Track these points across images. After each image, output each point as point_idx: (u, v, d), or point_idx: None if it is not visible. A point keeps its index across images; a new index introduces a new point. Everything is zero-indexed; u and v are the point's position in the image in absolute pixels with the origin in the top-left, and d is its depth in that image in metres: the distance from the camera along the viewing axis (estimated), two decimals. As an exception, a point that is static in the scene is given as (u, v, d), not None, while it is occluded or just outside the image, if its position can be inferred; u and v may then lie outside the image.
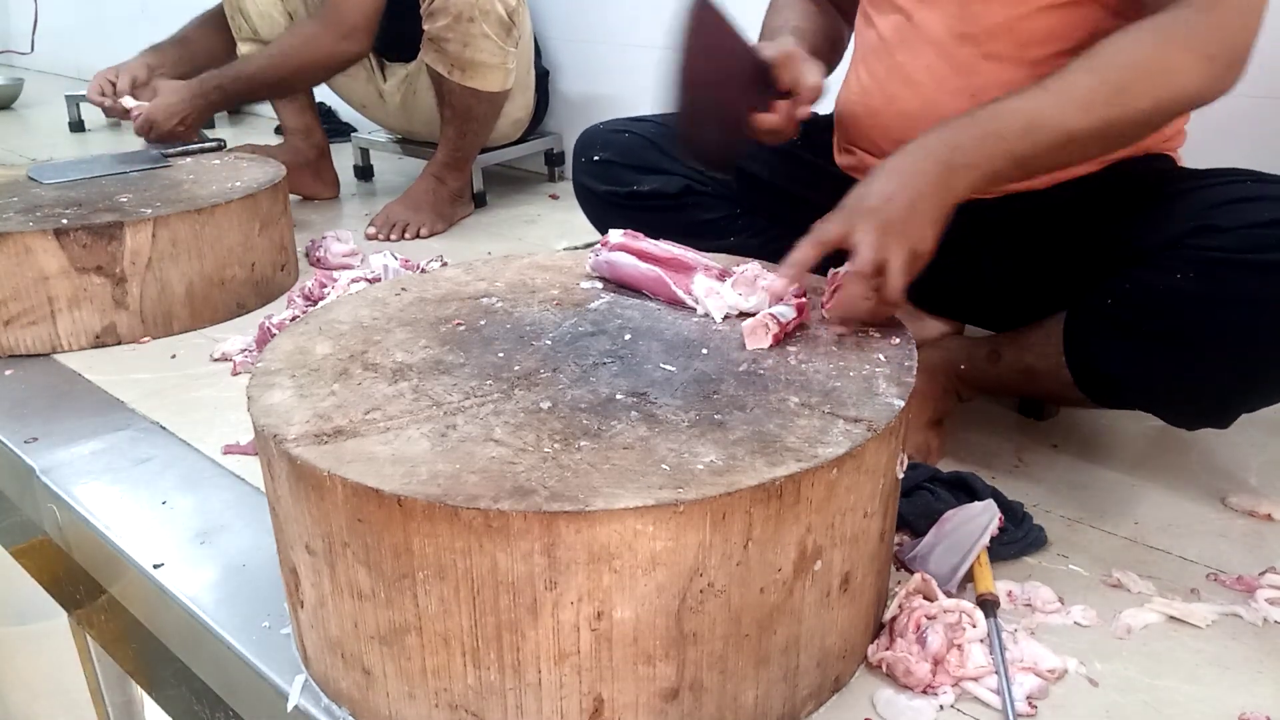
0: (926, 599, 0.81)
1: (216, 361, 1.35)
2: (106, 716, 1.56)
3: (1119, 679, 0.76)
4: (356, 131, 2.48)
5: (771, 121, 0.95)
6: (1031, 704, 0.73)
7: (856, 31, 1.14)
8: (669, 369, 0.77)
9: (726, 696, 0.67)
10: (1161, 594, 0.86)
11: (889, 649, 0.77)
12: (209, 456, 1.11)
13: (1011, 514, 0.92)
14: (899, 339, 0.83)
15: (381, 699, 0.69)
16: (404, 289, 0.95)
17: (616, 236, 0.95)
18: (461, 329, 0.85)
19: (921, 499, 0.93)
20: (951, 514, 0.89)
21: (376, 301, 0.92)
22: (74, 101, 2.98)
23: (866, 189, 0.84)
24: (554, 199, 2.22)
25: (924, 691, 0.74)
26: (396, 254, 1.53)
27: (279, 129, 2.19)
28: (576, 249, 1.06)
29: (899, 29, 1.05)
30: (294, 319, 1.31)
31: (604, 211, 1.29)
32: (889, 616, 0.80)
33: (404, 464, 0.64)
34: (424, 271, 1.46)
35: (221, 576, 0.90)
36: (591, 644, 0.63)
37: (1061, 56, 0.92)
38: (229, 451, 1.11)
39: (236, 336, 1.39)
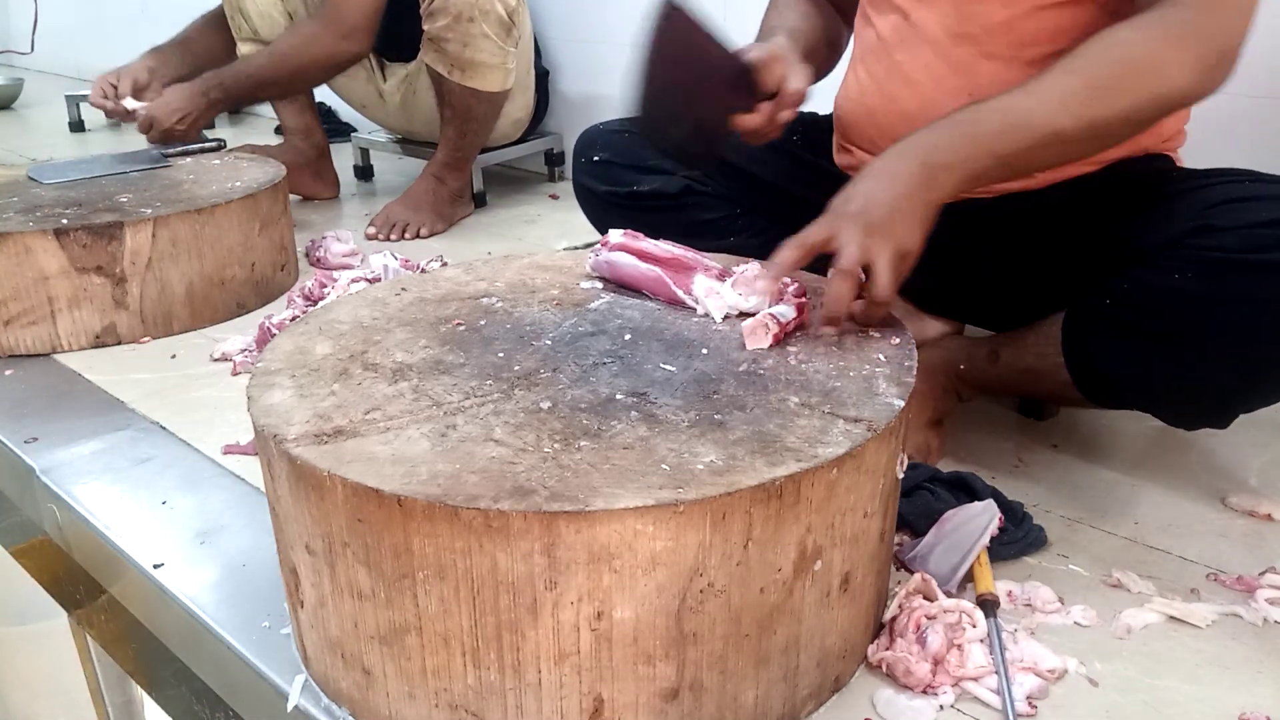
0: (926, 599, 0.81)
1: (216, 361, 1.35)
2: (106, 716, 1.56)
3: (1119, 679, 0.76)
4: (356, 131, 2.48)
5: (753, 123, 0.96)
6: (1031, 704, 0.73)
7: (856, 31, 1.14)
8: (669, 369, 0.77)
9: (726, 696, 0.67)
10: (1161, 594, 0.86)
11: (889, 649, 0.77)
12: (209, 456, 1.11)
13: (1011, 514, 0.92)
14: (899, 339, 0.83)
15: (381, 699, 0.69)
16: (404, 289, 0.95)
17: (616, 236, 0.95)
18: (461, 329, 0.85)
19: (921, 499, 0.93)
20: (951, 514, 0.89)
21: (376, 301, 0.92)
22: (74, 101, 2.98)
23: (850, 193, 0.85)
24: (554, 199, 2.22)
25: (924, 691, 0.74)
26: (396, 254, 1.53)
27: (279, 129, 2.19)
28: (576, 249, 1.06)
29: (897, 29, 1.05)
30: (294, 319, 1.31)
31: (604, 211, 1.29)
32: (889, 616, 0.80)
33: (404, 464, 0.64)
34: (424, 271, 1.46)
35: (221, 576, 0.90)
36: (591, 644, 0.63)
37: (1059, 56, 0.92)
38: (229, 451, 1.11)
39: (236, 336, 1.39)
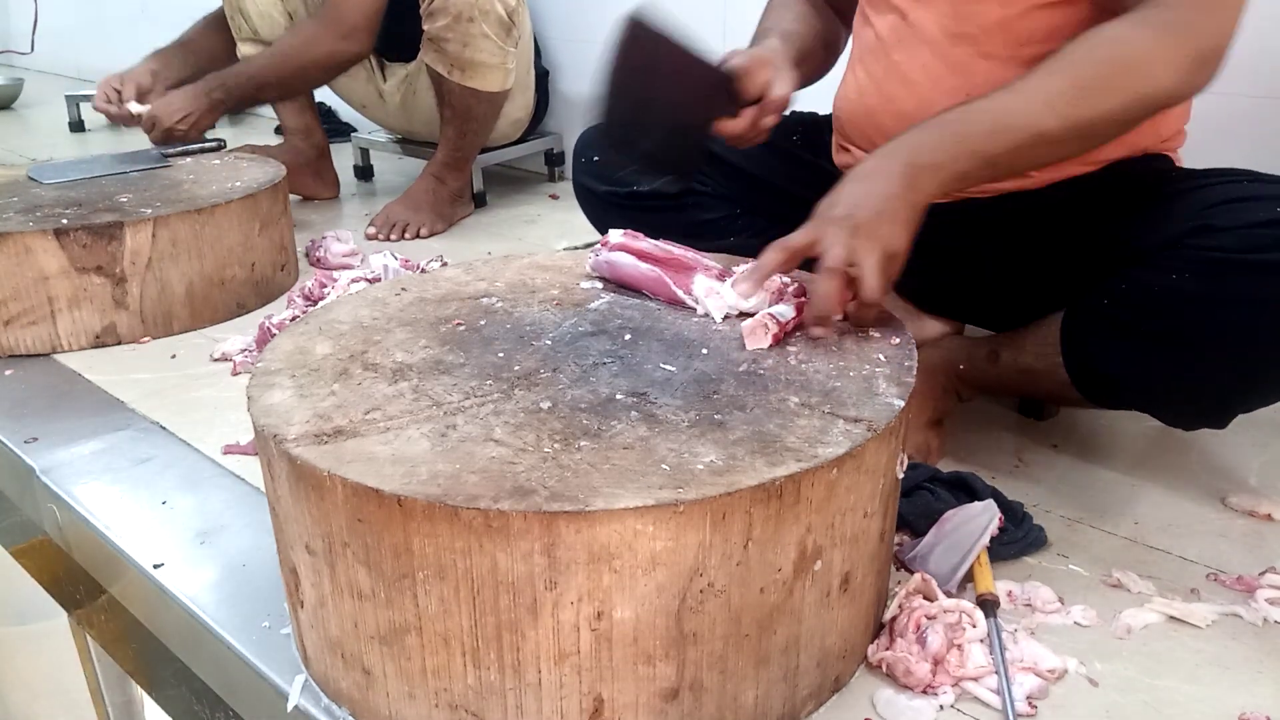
0: (926, 599, 0.81)
1: (216, 361, 1.35)
2: (106, 716, 1.56)
3: (1119, 679, 0.76)
4: (356, 131, 2.48)
5: (736, 128, 0.98)
6: (1031, 704, 0.73)
7: (855, 31, 1.14)
8: (669, 369, 0.77)
9: (726, 696, 0.67)
10: (1161, 594, 0.86)
11: (889, 649, 0.77)
12: (209, 456, 1.11)
13: (1011, 514, 0.92)
14: (899, 339, 0.83)
15: (381, 699, 0.69)
16: (404, 289, 0.95)
17: (616, 236, 0.95)
18: (461, 329, 0.85)
19: (921, 499, 0.93)
20: (951, 514, 0.89)
21: (376, 301, 0.92)
22: (74, 101, 2.98)
23: (836, 196, 0.85)
24: (554, 199, 2.22)
25: (924, 691, 0.74)
26: (396, 254, 1.53)
27: (279, 129, 2.19)
28: (576, 249, 1.06)
29: (895, 29, 1.05)
30: (294, 319, 1.31)
31: (604, 211, 1.29)
32: (889, 616, 0.80)
33: (404, 464, 0.64)
34: (424, 271, 1.46)
35: (221, 576, 0.90)
36: (591, 644, 0.63)
37: None
38: (229, 451, 1.11)
39: (236, 336, 1.39)
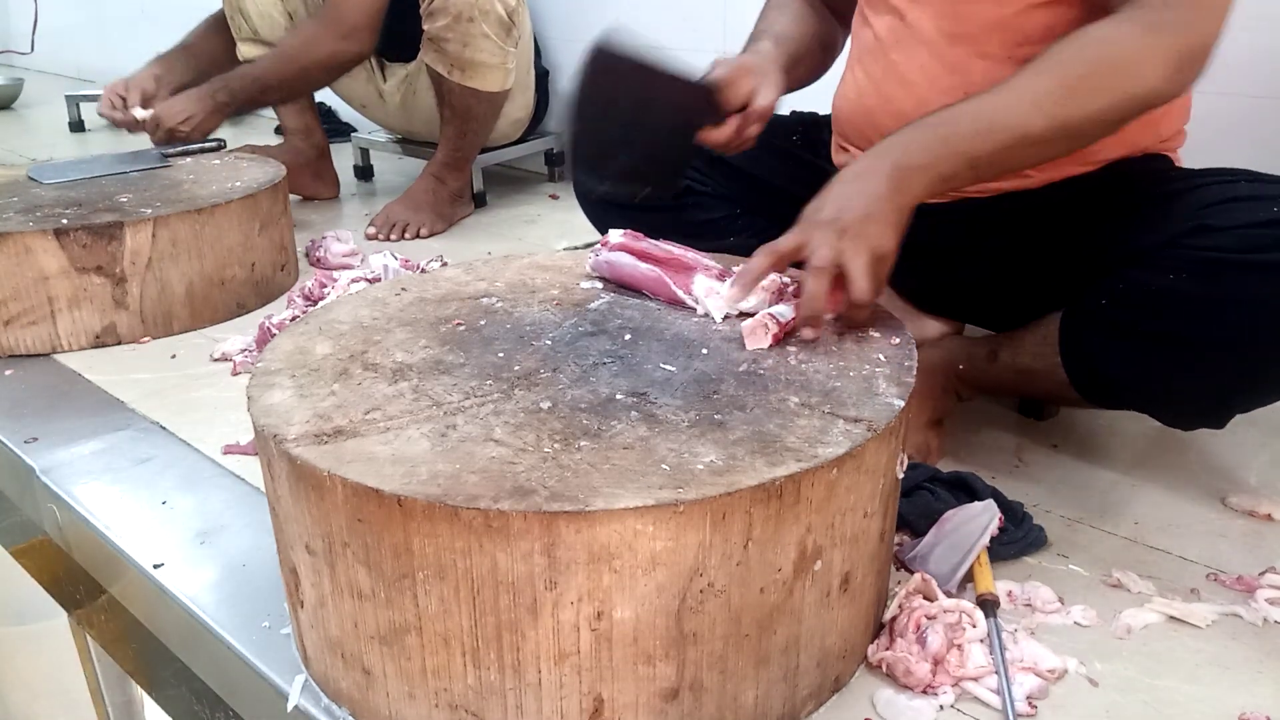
0: (926, 599, 0.81)
1: (216, 361, 1.35)
2: (106, 716, 1.56)
3: (1119, 679, 0.76)
4: (356, 131, 2.47)
5: (720, 138, 1.00)
6: (1031, 704, 0.73)
7: (854, 32, 1.14)
8: (669, 369, 0.77)
9: (726, 696, 0.67)
10: (1161, 594, 0.86)
11: (889, 649, 0.77)
12: (209, 456, 1.11)
13: (1011, 514, 0.92)
14: (899, 339, 0.83)
15: (381, 699, 0.69)
16: (404, 289, 0.95)
17: (616, 236, 0.95)
18: (461, 329, 0.85)
19: (921, 499, 0.93)
20: (951, 514, 0.89)
21: (376, 301, 0.92)
22: (74, 101, 2.97)
23: (822, 200, 0.85)
24: (554, 199, 2.22)
25: (924, 691, 0.74)
26: (396, 254, 1.53)
27: (279, 129, 2.19)
28: (576, 249, 1.06)
29: (893, 29, 1.05)
30: (294, 319, 1.31)
31: (604, 211, 1.29)
32: (889, 616, 0.80)
33: (404, 464, 0.64)
34: (424, 271, 1.46)
35: (221, 576, 0.90)
36: (591, 644, 0.63)
37: None
38: (229, 451, 1.11)
39: (236, 336, 1.39)
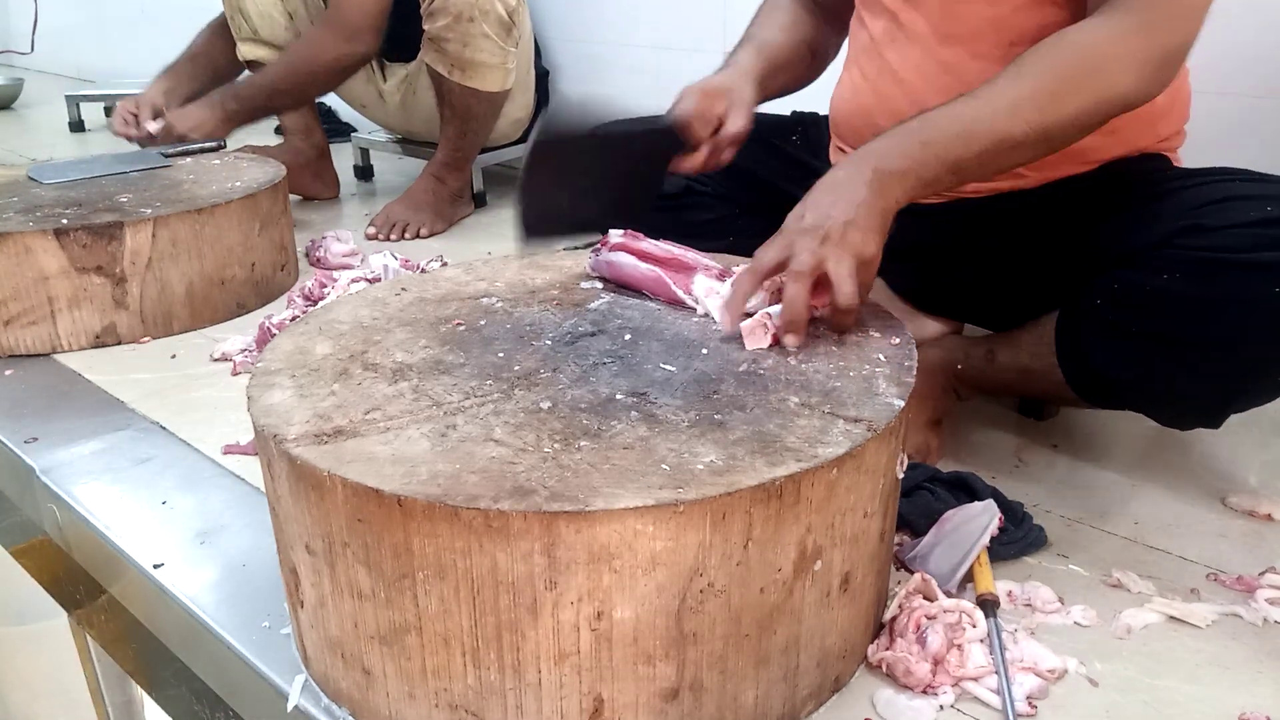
0: (926, 599, 0.81)
1: (216, 361, 1.35)
2: (106, 716, 1.56)
3: (1119, 679, 0.76)
4: (356, 131, 2.47)
5: (691, 166, 1.04)
6: (1031, 704, 0.73)
7: (851, 32, 1.15)
8: (669, 369, 0.77)
9: (726, 696, 0.67)
10: (1161, 594, 0.86)
11: (889, 649, 0.77)
12: (209, 456, 1.11)
13: (1011, 514, 0.92)
14: (899, 339, 0.83)
15: (381, 699, 0.69)
16: (404, 289, 0.95)
17: (616, 236, 0.95)
18: (461, 329, 0.85)
19: (921, 499, 0.93)
20: (951, 514, 0.89)
21: (376, 301, 0.92)
22: (74, 101, 2.97)
23: (803, 207, 0.85)
24: (554, 199, 2.22)
25: (924, 691, 0.74)
26: (396, 254, 1.53)
27: (279, 129, 2.19)
28: (576, 249, 1.06)
29: (888, 29, 1.06)
30: (294, 319, 1.31)
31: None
32: (889, 616, 0.80)
33: (404, 464, 0.64)
34: (424, 271, 1.46)
35: (221, 576, 0.90)
36: (591, 644, 0.63)
37: None
38: (229, 451, 1.11)
39: (236, 336, 1.39)
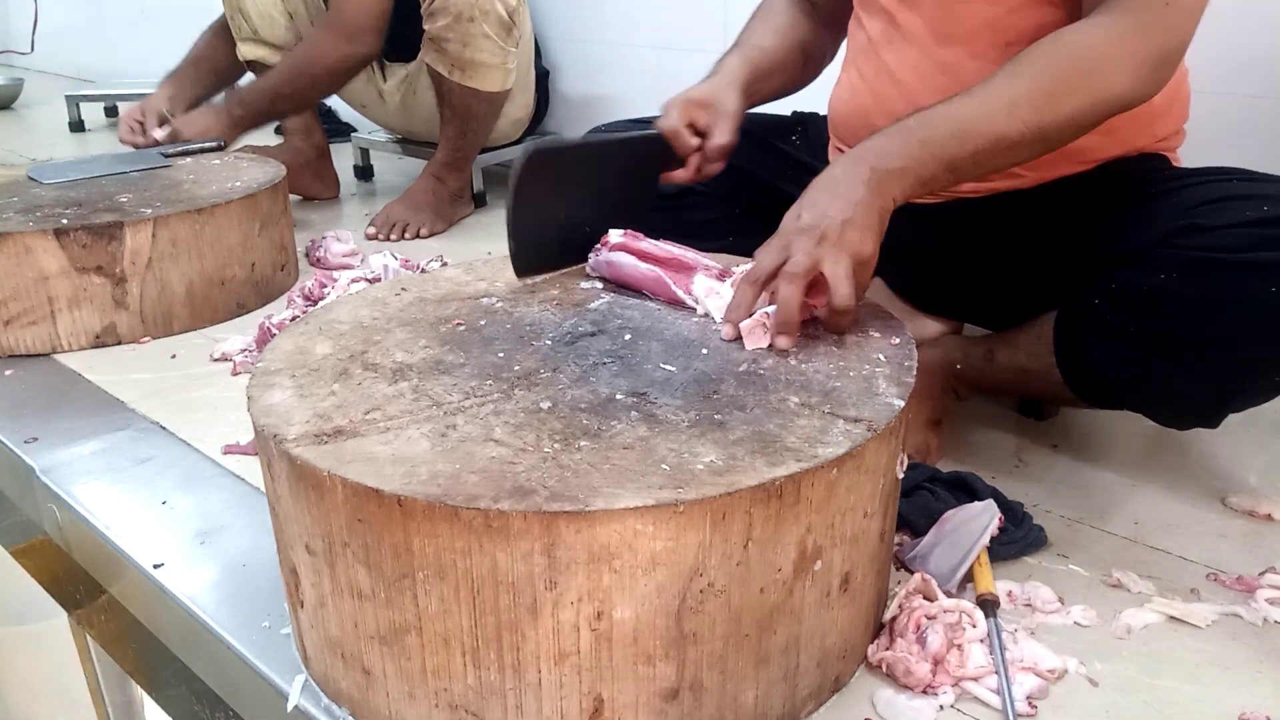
0: (926, 599, 0.81)
1: (216, 361, 1.35)
2: (106, 716, 1.56)
3: (1119, 679, 0.76)
4: (356, 131, 2.47)
5: (681, 178, 1.05)
6: (1031, 704, 0.73)
7: (850, 33, 1.15)
8: (669, 369, 0.77)
9: (726, 696, 0.67)
10: (1161, 594, 0.86)
11: (889, 649, 0.77)
12: (209, 456, 1.11)
13: (1011, 514, 0.92)
14: (899, 339, 0.83)
15: (381, 699, 0.69)
16: (404, 289, 0.95)
17: (616, 236, 0.95)
18: (461, 329, 0.85)
19: (921, 499, 0.93)
20: (951, 514, 0.89)
21: (376, 301, 0.92)
22: (74, 101, 2.97)
23: (799, 208, 0.85)
24: (554, 199, 2.22)
25: (924, 691, 0.74)
26: (396, 254, 1.53)
27: (279, 129, 2.19)
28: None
29: (885, 30, 1.06)
30: (294, 319, 1.31)
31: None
32: (889, 616, 0.80)
33: (404, 464, 0.64)
34: (424, 271, 1.46)
35: (221, 576, 0.90)
36: (591, 644, 0.63)
37: None
38: (229, 451, 1.11)
39: (236, 336, 1.39)
